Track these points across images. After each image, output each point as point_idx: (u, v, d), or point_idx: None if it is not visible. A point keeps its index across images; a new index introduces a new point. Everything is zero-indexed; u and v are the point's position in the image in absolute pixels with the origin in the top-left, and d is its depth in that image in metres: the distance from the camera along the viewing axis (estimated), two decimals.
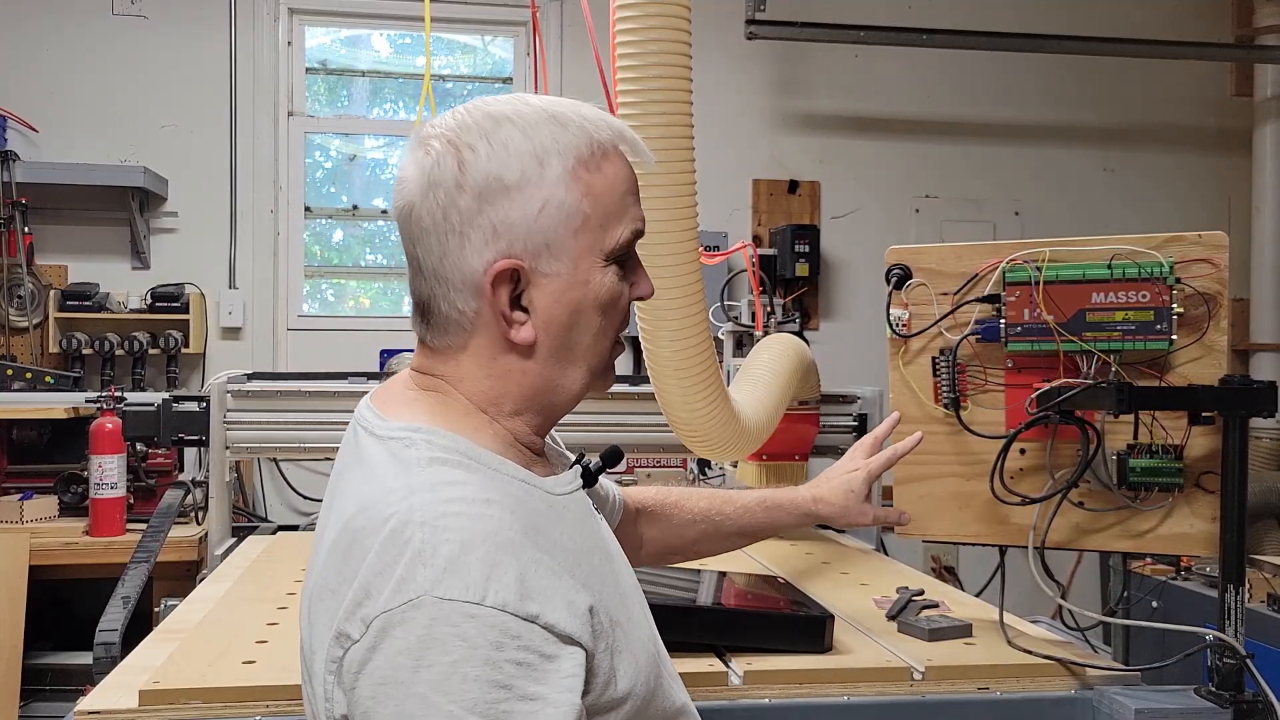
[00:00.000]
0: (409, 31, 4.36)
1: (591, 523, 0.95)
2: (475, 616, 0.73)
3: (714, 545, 1.37)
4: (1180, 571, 2.79)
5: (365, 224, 4.38)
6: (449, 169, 0.87)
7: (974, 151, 4.54)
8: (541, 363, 0.91)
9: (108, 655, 1.77)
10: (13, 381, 3.42)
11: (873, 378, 2.34)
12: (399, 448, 0.86)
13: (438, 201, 0.87)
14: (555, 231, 0.87)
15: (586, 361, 0.93)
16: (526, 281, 0.88)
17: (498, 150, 0.87)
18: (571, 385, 0.93)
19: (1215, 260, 1.38)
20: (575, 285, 0.89)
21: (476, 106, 0.91)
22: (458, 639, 0.73)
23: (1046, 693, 1.36)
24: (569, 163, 0.88)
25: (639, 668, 0.87)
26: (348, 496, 0.87)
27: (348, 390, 2.33)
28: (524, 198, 0.86)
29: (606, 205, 0.90)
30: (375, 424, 0.91)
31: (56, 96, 3.94)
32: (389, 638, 0.74)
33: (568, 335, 0.90)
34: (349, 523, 0.82)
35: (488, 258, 0.87)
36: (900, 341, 1.54)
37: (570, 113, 0.90)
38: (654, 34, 1.79)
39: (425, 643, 0.73)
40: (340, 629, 0.77)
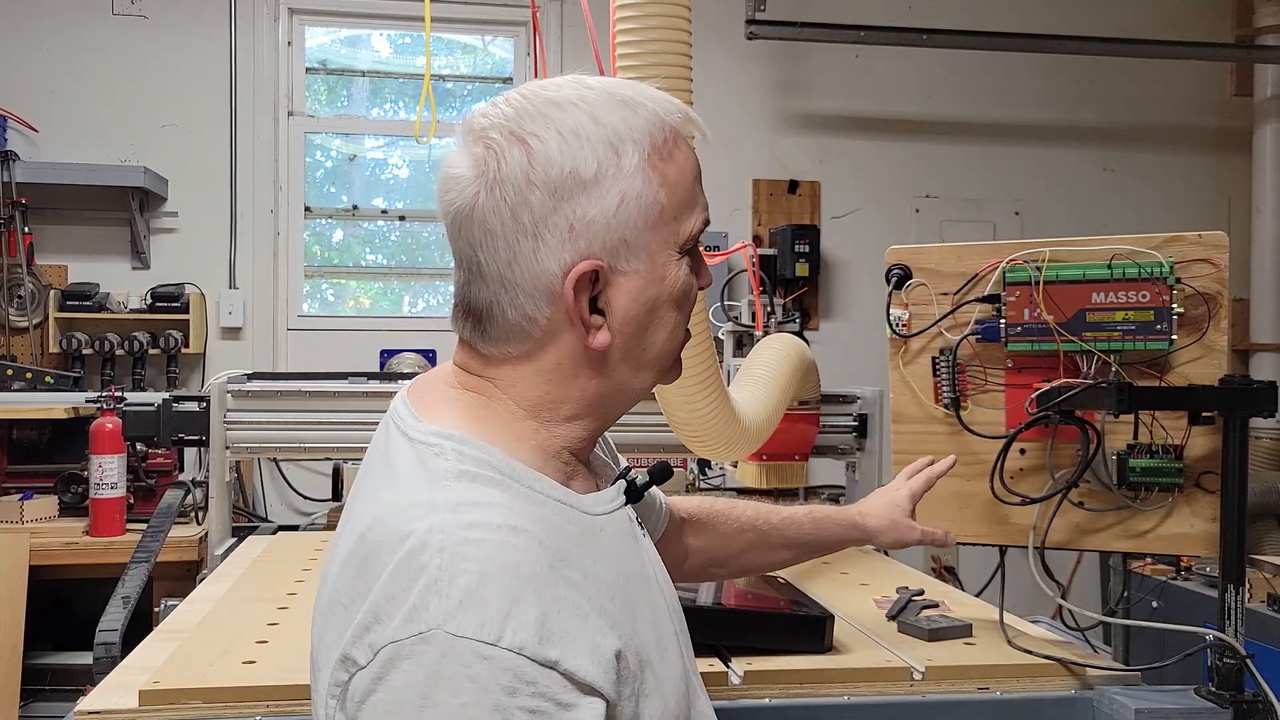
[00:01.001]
0: (409, 31, 4.36)
1: (630, 545, 0.88)
2: (489, 658, 0.68)
3: (761, 557, 1.31)
4: (1180, 571, 2.79)
5: (365, 224, 4.38)
6: (517, 163, 0.79)
7: (974, 151, 4.54)
8: (613, 367, 0.85)
9: (108, 655, 1.77)
10: (13, 381, 3.42)
11: (873, 378, 2.34)
12: (428, 455, 0.80)
13: (505, 200, 0.79)
14: (634, 227, 0.81)
15: (658, 362, 0.88)
16: (604, 282, 0.82)
17: (569, 140, 0.79)
18: (640, 386, 0.88)
19: (1215, 260, 1.38)
20: (653, 282, 0.83)
21: (534, 92, 0.83)
22: (468, 680, 0.67)
23: (1047, 693, 1.36)
24: (645, 151, 0.81)
25: (666, 710, 0.81)
26: (368, 501, 0.81)
27: (348, 390, 2.33)
28: (601, 192, 0.80)
29: (680, 195, 0.84)
30: (409, 423, 0.84)
31: (56, 96, 3.94)
32: (396, 670, 0.69)
33: (643, 336, 0.85)
34: (366, 533, 0.77)
35: (565, 259, 0.80)
36: (900, 341, 1.54)
37: (637, 95, 0.83)
38: (654, 34, 1.79)
39: (434, 680, 0.68)
40: (347, 652, 0.72)
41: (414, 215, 4.38)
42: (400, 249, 4.43)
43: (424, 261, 4.42)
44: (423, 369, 3.87)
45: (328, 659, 0.75)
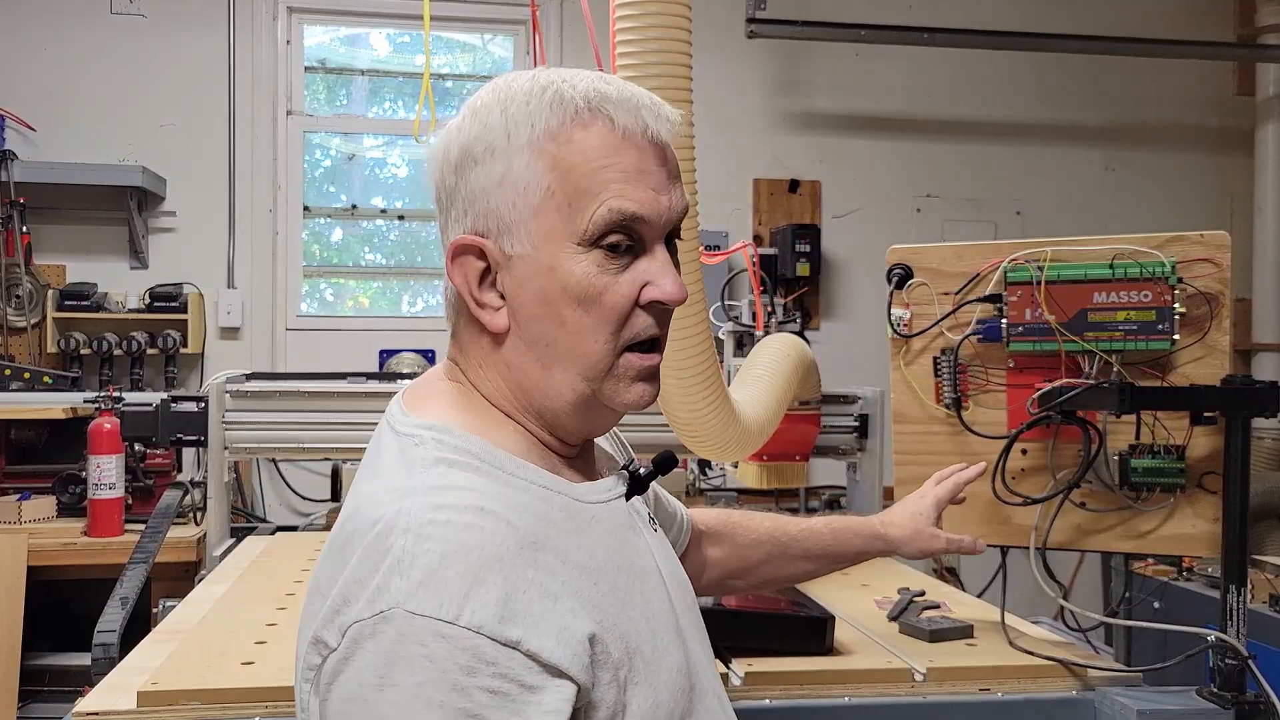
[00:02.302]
0: (408, 30, 4.36)
1: (625, 536, 0.86)
2: (446, 636, 0.67)
3: (779, 569, 1.28)
4: (1182, 572, 2.78)
5: (364, 223, 4.37)
6: (444, 143, 0.84)
7: (975, 151, 4.54)
8: (518, 355, 0.83)
9: (106, 656, 1.76)
10: (11, 381, 3.41)
11: (874, 378, 2.34)
12: (409, 445, 0.80)
13: (437, 173, 0.84)
14: (514, 207, 0.79)
15: (574, 364, 0.82)
16: (496, 264, 0.81)
17: (477, 124, 0.82)
18: (559, 389, 0.83)
19: (1217, 260, 1.38)
20: (540, 271, 0.80)
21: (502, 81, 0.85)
22: (425, 659, 0.67)
23: (1048, 694, 1.35)
24: (534, 133, 0.79)
25: (659, 702, 0.78)
26: (352, 494, 0.82)
27: (347, 390, 2.32)
28: (487, 169, 0.80)
29: (576, 181, 0.79)
30: (397, 419, 0.85)
31: (55, 96, 3.93)
32: (360, 650, 0.68)
33: (540, 327, 0.81)
34: (344, 522, 0.78)
35: (457, 232, 0.82)
36: (901, 341, 1.54)
37: (559, 80, 0.82)
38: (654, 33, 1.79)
39: (392, 661, 0.67)
40: (318, 635, 0.71)
41: (413, 215, 4.38)
42: (399, 248, 4.42)
43: (423, 261, 4.41)
44: (422, 369, 3.87)
45: (301, 646, 0.75)
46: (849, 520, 1.33)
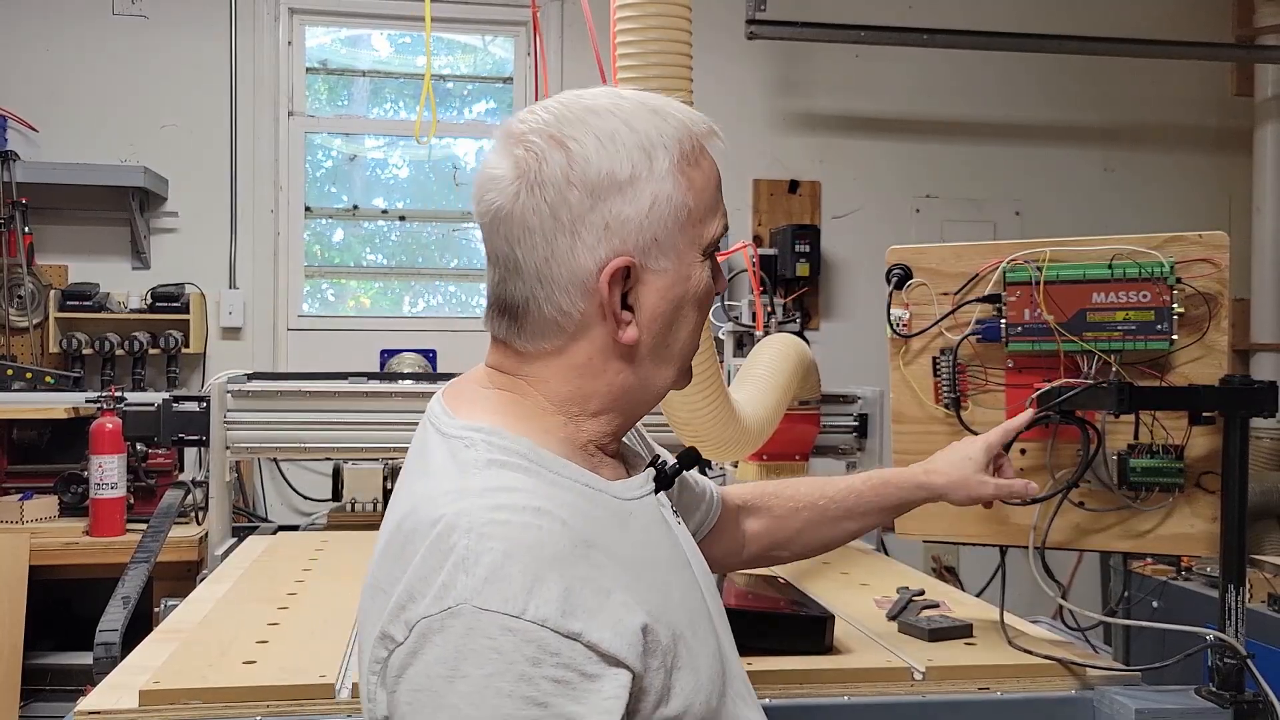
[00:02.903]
0: (409, 31, 4.36)
1: (660, 529, 0.92)
2: (513, 630, 0.71)
3: (821, 533, 1.27)
4: (1181, 571, 2.79)
5: (365, 224, 4.37)
6: (557, 165, 0.84)
7: (974, 151, 4.54)
8: (639, 362, 0.89)
9: (108, 655, 1.77)
10: (13, 381, 3.42)
11: (873, 378, 2.34)
12: (459, 447, 0.84)
13: (545, 199, 0.84)
14: (664, 227, 0.86)
15: (680, 359, 0.92)
16: (635, 279, 0.86)
17: (606, 144, 0.84)
18: (662, 383, 0.92)
19: (1216, 260, 1.38)
20: (679, 281, 0.88)
21: (572, 100, 0.89)
22: (493, 651, 0.70)
23: (1047, 693, 1.36)
24: (674, 156, 0.86)
25: (699, 684, 0.83)
26: (404, 494, 0.85)
27: (348, 390, 2.33)
28: (635, 193, 0.85)
29: (705, 200, 0.89)
30: (442, 420, 0.88)
31: (56, 96, 3.94)
32: (428, 644, 0.72)
33: (668, 333, 0.90)
34: (401, 522, 0.80)
35: (601, 256, 0.84)
36: (901, 341, 1.54)
37: (666, 106, 0.89)
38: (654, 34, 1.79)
39: (461, 653, 0.71)
40: (385, 630, 0.75)
41: (414, 215, 4.38)
42: (400, 249, 4.43)
43: (424, 261, 4.42)
44: (422, 369, 3.88)
45: (368, 641, 0.79)
46: (888, 472, 1.30)
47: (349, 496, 2.80)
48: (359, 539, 2.16)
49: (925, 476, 1.29)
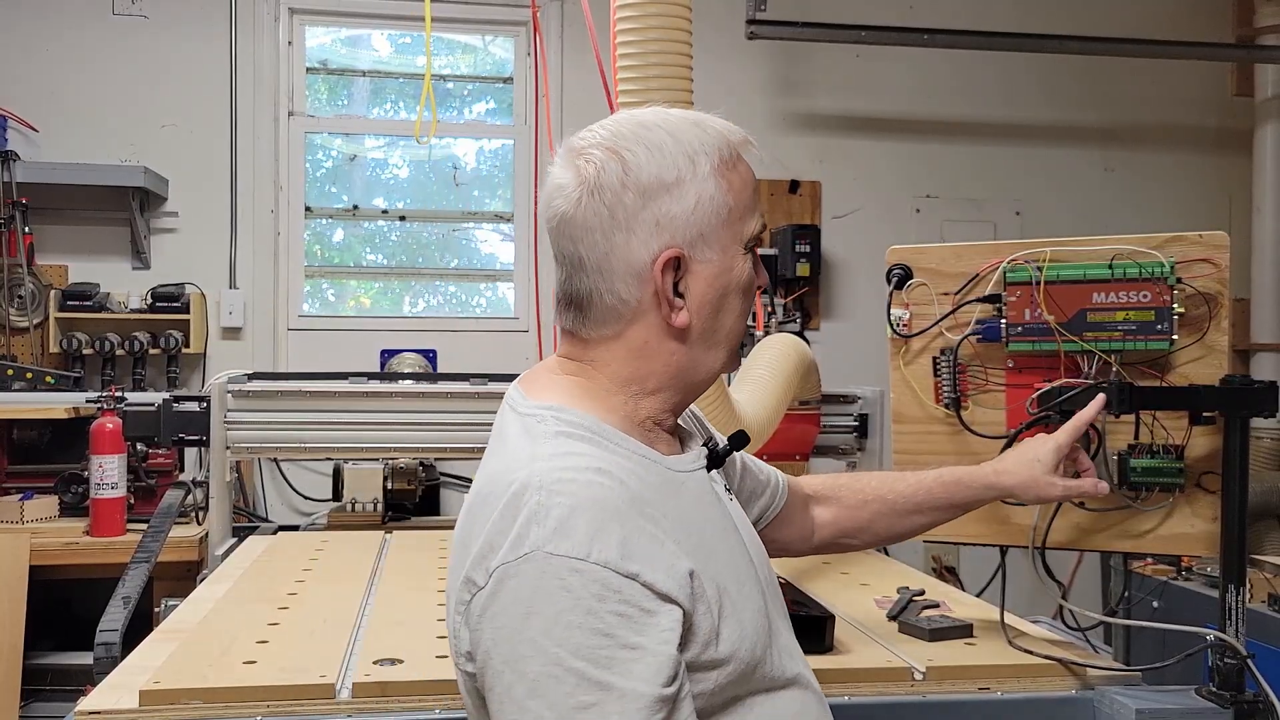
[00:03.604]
0: (409, 31, 4.36)
1: (710, 499, 1.03)
2: (580, 571, 0.81)
3: (890, 524, 1.34)
4: (1181, 571, 2.79)
5: (365, 224, 4.37)
6: (613, 173, 0.96)
7: (974, 151, 4.54)
8: (691, 344, 1.00)
9: (108, 655, 1.77)
10: (13, 381, 3.42)
11: (873, 378, 2.34)
12: (532, 424, 0.95)
13: (604, 202, 0.96)
14: (708, 222, 0.98)
15: (728, 342, 1.04)
16: (685, 269, 0.98)
17: (655, 153, 0.97)
18: (713, 364, 1.03)
19: (1216, 260, 1.38)
20: (723, 271, 1.00)
21: (625, 118, 1.02)
22: (563, 590, 0.81)
23: (1047, 693, 1.36)
24: (714, 161, 0.99)
25: (744, 634, 0.93)
26: (485, 466, 0.98)
27: (348, 390, 2.33)
28: (682, 193, 0.97)
29: (743, 199, 1.02)
30: (518, 402, 1.01)
31: (56, 96, 3.93)
32: (505, 588, 0.83)
33: (716, 318, 1.01)
34: (481, 488, 0.93)
35: (654, 248, 0.96)
36: (901, 341, 1.54)
37: (707, 120, 1.03)
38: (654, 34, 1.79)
39: (535, 593, 0.82)
40: (468, 575, 0.86)
41: (414, 215, 4.38)
42: (400, 249, 4.43)
43: (424, 261, 4.42)
44: (423, 369, 3.88)
45: (453, 588, 0.90)
46: (960, 471, 1.34)
47: (349, 496, 2.80)
48: (359, 539, 2.16)
49: (995, 477, 1.32)
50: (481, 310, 4.46)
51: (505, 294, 4.42)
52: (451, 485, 3.77)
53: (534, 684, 0.80)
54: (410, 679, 1.29)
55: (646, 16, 1.81)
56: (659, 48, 1.82)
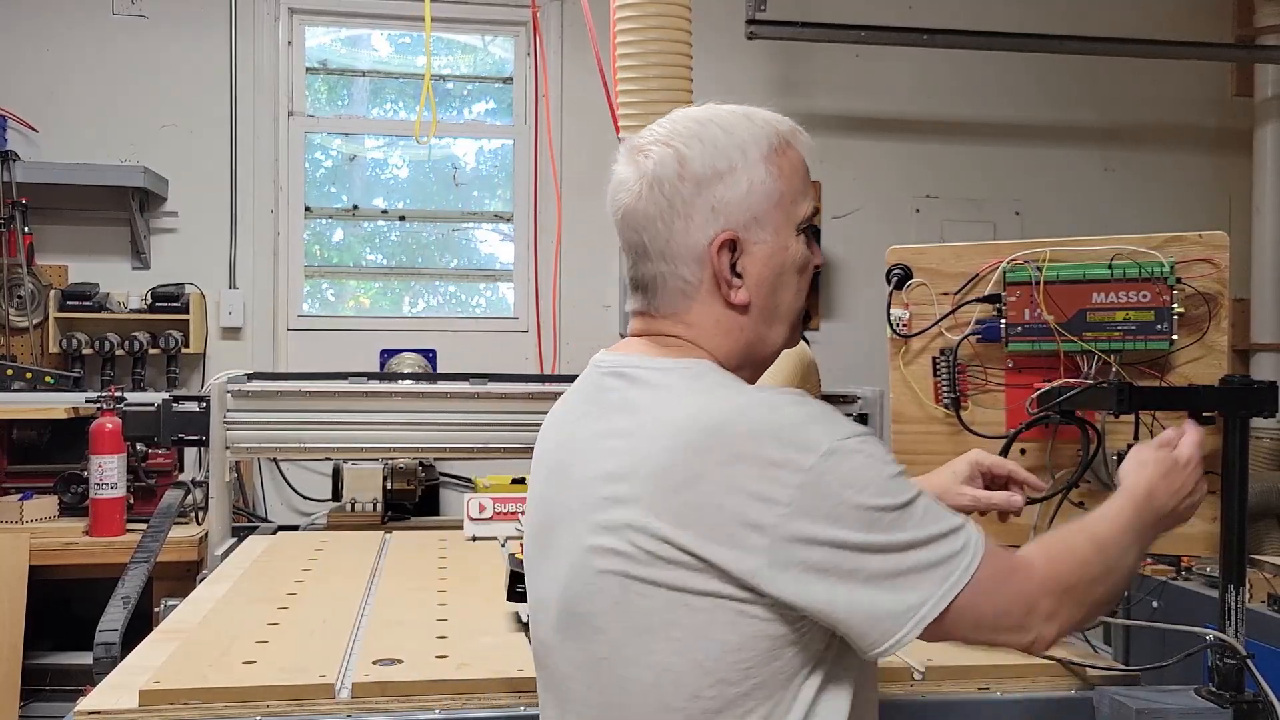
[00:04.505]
0: (409, 31, 4.36)
1: None
2: (864, 439, 0.96)
3: None
4: (1181, 571, 2.78)
5: (365, 224, 4.38)
6: (670, 166, 1.05)
7: (974, 151, 4.54)
8: (754, 320, 1.08)
9: (108, 655, 1.77)
10: (13, 381, 3.42)
11: (873, 378, 2.34)
12: (687, 377, 1.02)
13: (663, 193, 1.04)
14: (761, 206, 1.05)
15: (788, 318, 1.10)
16: (740, 250, 1.05)
17: (708, 145, 1.05)
18: (776, 339, 1.10)
19: (1216, 260, 1.38)
20: (778, 251, 1.07)
21: (681, 115, 1.10)
22: (864, 455, 0.94)
23: (1047, 693, 1.36)
24: (763, 149, 1.06)
25: None
26: (655, 409, 1.00)
27: (348, 390, 2.33)
28: (734, 180, 1.05)
29: (793, 184, 1.08)
30: (652, 363, 1.05)
31: (56, 96, 3.94)
32: (824, 479, 0.92)
33: (774, 295, 1.08)
34: (692, 424, 0.96)
35: (710, 233, 1.04)
36: (901, 341, 1.54)
37: (756, 112, 1.10)
38: (654, 34, 1.79)
39: (850, 470, 0.93)
40: (763, 493, 0.92)
41: (414, 215, 4.38)
42: (400, 249, 4.43)
43: (424, 261, 4.42)
44: (422, 369, 3.88)
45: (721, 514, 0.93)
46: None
47: (349, 496, 2.80)
48: (359, 539, 2.16)
49: (924, 481, 1.32)
50: (481, 310, 4.46)
51: (505, 294, 4.42)
52: (451, 485, 3.77)
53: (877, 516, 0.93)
54: (410, 679, 1.29)
55: (646, 16, 1.82)
56: (659, 48, 1.82)
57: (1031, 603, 0.99)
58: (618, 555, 0.97)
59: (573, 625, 1.03)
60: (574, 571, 1.02)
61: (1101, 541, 1.07)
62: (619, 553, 0.97)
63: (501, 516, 2.19)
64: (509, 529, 2.16)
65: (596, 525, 0.99)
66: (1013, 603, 0.98)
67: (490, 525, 2.18)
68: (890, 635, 0.93)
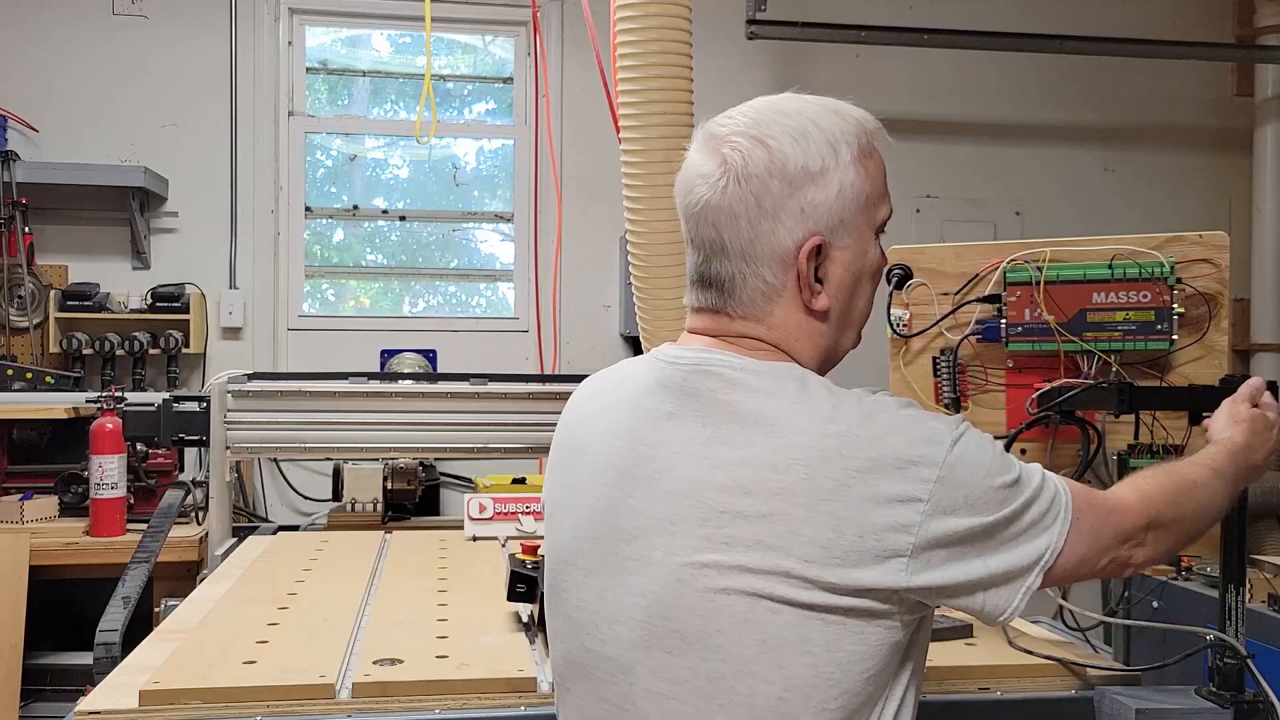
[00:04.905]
0: (409, 31, 4.36)
1: None
2: (963, 419, 0.97)
3: None
4: (1181, 572, 2.78)
5: (366, 224, 4.38)
6: (759, 161, 0.99)
7: (974, 151, 4.54)
8: (832, 326, 1.04)
9: (108, 655, 1.77)
10: (13, 381, 3.42)
11: (873, 378, 2.34)
12: (795, 383, 0.98)
13: (750, 190, 0.99)
14: (849, 210, 1.02)
15: (859, 323, 1.08)
16: (825, 255, 1.01)
17: (799, 141, 1.01)
18: (847, 344, 1.08)
19: (1216, 260, 1.38)
20: (859, 256, 1.04)
21: (764, 105, 1.06)
22: (974, 435, 0.96)
23: (1047, 693, 1.36)
24: (854, 150, 1.03)
25: None
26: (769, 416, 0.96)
27: (348, 390, 2.33)
28: (826, 181, 1.00)
29: (877, 185, 1.05)
30: (746, 364, 1.00)
31: (56, 96, 3.94)
32: (956, 468, 0.93)
33: (851, 300, 1.05)
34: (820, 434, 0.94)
35: (799, 236, 1.00)
36: (901, 341, 1.54)
37: (842, 106, 1.07)
38: (654, 34, 1.79)
39: (971, 456, 0.94)
40: (900, 493, 0.91)
41: (414, 215, 4.38)
42: (400, 249, 4.43)
43: (424, 261, 4.42)
44: (423, 369, 3.88)
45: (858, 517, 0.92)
46: None
47: (349, 496, 2.80)
48: (359, 539, 2.16)
49: None
50: (481, 310, 4.46)
51: (505, 294, 4.42)
52: (451, 485, 3.78)
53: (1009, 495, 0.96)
54: (410, 679, 1.29)
55: (646, 16, 1.82)
56: (659, 48, 1.82)
57: (1129, 536, 1.03)
58: (747, 573, 0.92)
59: (673, 642, 0.96)
60: (673, 586, 0.95)
61: (1193, 482, 1.11)
62: (748, 569, 0.92)
63: (502, 516, 2.19)
64: (509, 529, 2.16)
65: (711, 539, 0.94)
66: (1113, 539, 1.01)
67: (491, 525, 2.18)
68: (1019, 590, 0.95)
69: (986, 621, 0.98)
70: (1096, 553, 1.00)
